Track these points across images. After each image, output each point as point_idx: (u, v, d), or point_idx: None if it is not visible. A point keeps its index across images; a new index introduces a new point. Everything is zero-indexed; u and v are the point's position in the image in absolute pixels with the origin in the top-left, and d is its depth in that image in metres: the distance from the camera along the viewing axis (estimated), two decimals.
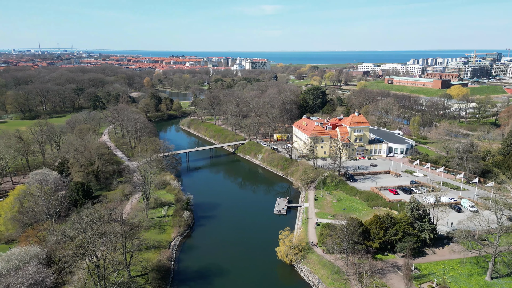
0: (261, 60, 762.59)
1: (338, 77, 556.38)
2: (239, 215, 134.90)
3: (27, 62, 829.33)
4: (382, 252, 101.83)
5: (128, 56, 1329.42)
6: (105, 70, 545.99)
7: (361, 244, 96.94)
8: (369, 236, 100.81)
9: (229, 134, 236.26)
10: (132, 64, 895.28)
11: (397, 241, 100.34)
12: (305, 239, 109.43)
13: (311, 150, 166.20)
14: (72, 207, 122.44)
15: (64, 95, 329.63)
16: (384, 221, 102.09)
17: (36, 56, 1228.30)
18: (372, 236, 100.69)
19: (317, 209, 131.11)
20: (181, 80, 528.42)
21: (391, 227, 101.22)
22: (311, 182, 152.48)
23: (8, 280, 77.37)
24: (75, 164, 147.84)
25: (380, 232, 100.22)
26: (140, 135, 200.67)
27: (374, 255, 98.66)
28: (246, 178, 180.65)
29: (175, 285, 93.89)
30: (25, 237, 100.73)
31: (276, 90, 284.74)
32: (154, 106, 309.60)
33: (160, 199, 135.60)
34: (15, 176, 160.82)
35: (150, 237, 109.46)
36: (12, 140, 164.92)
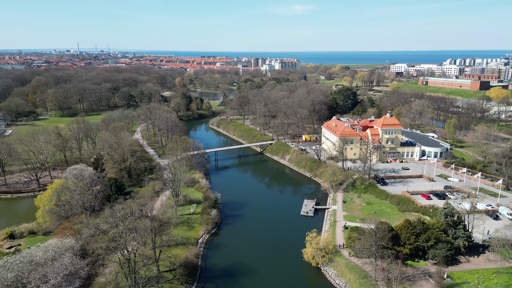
0: (291, 60, 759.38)
1: (370, 78, 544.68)
2: (266, 215, 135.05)
3: (66, 62, 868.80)
4: (413, 259, 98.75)
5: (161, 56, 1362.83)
6: (138, 70, 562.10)
7: (390, 249, 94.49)
8: (399, 242, 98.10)
9: (257, 134, 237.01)
10: (165, 64, 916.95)
11: (429, 247, 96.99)
12: (333, 242, 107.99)
13: (340, 152, 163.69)
14: (105, 202, 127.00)
15: (100, 94, 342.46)
16: (415, 227, 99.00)
17: (75, 56, 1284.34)
18: (403, 242, 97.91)
19: (346, 212, 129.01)
20: (211, 80, 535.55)
21: (423, 233, 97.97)
22: (340, 184, 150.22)
23: (45, 270, 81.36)
24: (109, 160, 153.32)
25: (411, 237, 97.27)
26: (171, 133, 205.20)
27: (404, 261, 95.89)
28: (274, 178, 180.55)
29: (202, 281, 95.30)
30: (61, 229, 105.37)
31: (305, 91, 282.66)
32: (185, 106, 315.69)
33: (189, 196, 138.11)
34: (54, 170, 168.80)
35: (178, 233, 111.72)
36: (52, 136, 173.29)
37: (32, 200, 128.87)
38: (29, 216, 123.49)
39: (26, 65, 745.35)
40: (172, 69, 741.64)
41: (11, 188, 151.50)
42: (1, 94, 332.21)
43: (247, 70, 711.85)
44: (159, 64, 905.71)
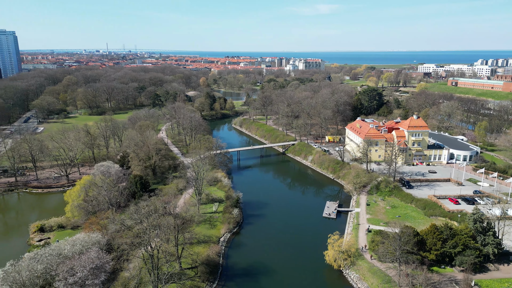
0: (315, 60, 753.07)
1: (396, 78, 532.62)
2: (288, 215, 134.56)
3: (95, 61, 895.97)
4: (439, 265, 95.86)
5: (186, 56, 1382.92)
6: (164, 69, 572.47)
7: (415, 255, 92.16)
8: (425, 247, 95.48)
9: (279, 134, 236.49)
10: (190, 64, 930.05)
11: (456, 254, 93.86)
12: (355, 245, 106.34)
13: (364, 154, 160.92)
14: (130, 199, 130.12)
15: (127, 93, 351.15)
16: (442, 232, 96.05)
17: (104, 56, 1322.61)
18: (428, 247, 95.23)
19: (369, 215, 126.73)
20: (235, 80, 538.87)
21: (450, 239, 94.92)
22: (364, 186, 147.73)
23: (73, 263, 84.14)
24: (134, 158, 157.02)
25: (438, 243, 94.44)
26: (195, 132, 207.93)
27: (429, 267, 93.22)
28: (296, 179, 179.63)
29: (223, 280, 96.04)
30: (88, 224, 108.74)
31: (329, 91, 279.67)
32: (208, 105, 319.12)
33: (211, 195, 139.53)
34: (82, 167, 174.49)
35: (200, 231, 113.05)
36: (81, 133, 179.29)
37: (61, 195, 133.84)
38: (59, 210, 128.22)
39: (58, 64, 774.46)
40: (196, 69, 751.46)
41: (42, 183, 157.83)
42: (34, 92, 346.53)
43: (271, 70, 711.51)
44: (184, 64, 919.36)
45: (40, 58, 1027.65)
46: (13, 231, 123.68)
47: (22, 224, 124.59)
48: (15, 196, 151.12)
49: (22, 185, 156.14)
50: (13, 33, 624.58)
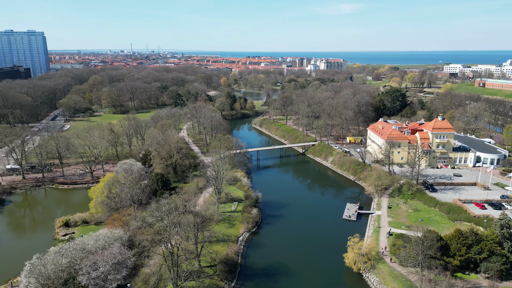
0: (337, 60, 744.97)
1: (421, 79, 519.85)
2: (307, 216, 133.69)
3: (120, 61, 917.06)
4: (463, 271, 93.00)
5: (208, 56, 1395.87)
6: (186, 69, 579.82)
7: (438, 260, 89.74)
8: (449, 252, 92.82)
9: (299, 135, 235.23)
10: (211, 64, 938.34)
11: (482, 260, 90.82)
12: (376, 248, 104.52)
13: (386, 155, 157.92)
14: (152, 196, 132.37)
15: (150, 92, 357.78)
16: (467, 237, 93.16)
17: (128, 56, 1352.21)
18: (452, 252, 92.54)
19: (391, 218, 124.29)
20: (256, 80, 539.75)
21: (475, 245, 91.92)
22: (385, 189, 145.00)
23: (96, 258, 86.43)
24: (156, 156, 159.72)
25: (462, 248, 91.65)
26: (215, 132, 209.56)
27: (453, 273, 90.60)
28: (315, 180, 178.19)
29: (241, 279, 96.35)
30: (111, 220, 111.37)
31: (351, 91, 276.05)
32: (229, 105, 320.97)
33: (230, 194, 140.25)
34: (106, 164, 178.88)
35: (219, 230, 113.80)
36: (105, 132, 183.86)
37: (86, 191, 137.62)
38: (83, 206, 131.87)
39: (84, 64, 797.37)
40: (218, 69, 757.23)
41: (68, 179, 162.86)
42: (61, 91, 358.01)
43: (292, 70, 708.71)
44: (206, 64, 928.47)
45: (68, 58, 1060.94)
46: (39, 225, 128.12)
47: (48, 218, 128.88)
48: (42, 191, 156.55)
49: (49, 181, 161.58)
50: (42, 34, 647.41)
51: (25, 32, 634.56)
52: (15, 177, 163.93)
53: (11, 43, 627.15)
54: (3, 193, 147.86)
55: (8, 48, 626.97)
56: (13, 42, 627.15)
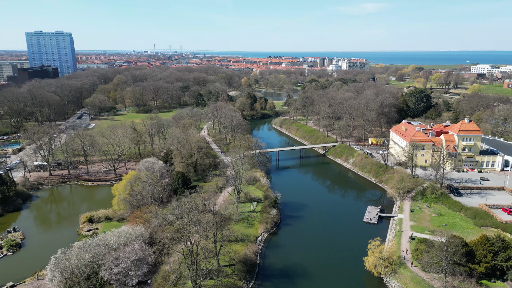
0: (359, 60, 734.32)
1: (446, 80, 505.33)
2: (326, 218, 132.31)
3: (143, 62, 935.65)
4: (489, 278, 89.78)
5: (229, 57, 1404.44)
6: (208, 70, 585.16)
7: (463, 266, 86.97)
8: (474, 259, 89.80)
9: (320, 136, 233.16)
10: (232, 65, 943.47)
11: (509, 267, 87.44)
12: (397, 252, 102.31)
13: (409, 158, 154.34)
14: (172, 194, 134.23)
15: (172, 92, 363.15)
16: (493, 244, 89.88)
17: (151, 56, 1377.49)
18: (478, 259, 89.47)
19: (413, 222, 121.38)
20: (276, 80, 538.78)
21: (502, 251, 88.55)
22: (408, 192, 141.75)
23: (118, 254, 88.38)
24: (177, 155, 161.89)
25: (488, 255, 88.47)
26: (235, 132, 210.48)
27: (478, 280, 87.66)
28: (336, 181, 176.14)
29: (259, 279, 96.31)
30: (133, 217, 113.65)
31: (373, 92, 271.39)
32: (249, 105, 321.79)
33: (249, 194, 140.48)
34: (129, 162, 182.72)
35: (238, 230, 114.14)
36: (128, 130, 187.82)
37: (109, 188, 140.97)
38: (106, 203, 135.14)
39: (109, 64, 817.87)
40: (239, 69, 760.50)
41: (92, 176, 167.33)
42: (87, 90, 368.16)
43: (313, 70, 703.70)
44: (227, 65, 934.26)
45: (94, 58, 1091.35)
46: (65, 221, 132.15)
47: (73, 214, 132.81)
48: (68, 187, 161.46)
49: (74, 177, 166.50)
50: (69, 35, 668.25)
51: (53, 33, 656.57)
52: (42, 173, 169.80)
53: (40, 44, 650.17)
54: (30, 188, 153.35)
55: (38, 48, 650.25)
56: (42, 42, 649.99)
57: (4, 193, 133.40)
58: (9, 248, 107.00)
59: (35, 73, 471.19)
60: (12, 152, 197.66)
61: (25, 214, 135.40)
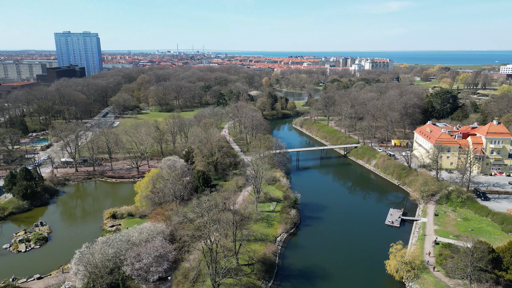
0: (383, 60, 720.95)
1: (474, 80, 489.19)
2: (347, 220, 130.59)
3: (166, 61, 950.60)
4: None
5: (250, 56, 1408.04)
6: (229, 69, 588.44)
7: (489, 273, 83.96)
8: (501, 265, 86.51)
9: (341, 136, 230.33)
10: (253, 64, 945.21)
11: None
12: (420, 257, 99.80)
13: (434, 160, 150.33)
14: (193, 193, 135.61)
15: (194, 91, 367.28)
16: None
17: (174, 56, 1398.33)
18: (505, 266, 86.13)
19: (437, 226, 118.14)
20: (297, 80, 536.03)
21: None
22: (432, 195, 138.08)
23: (139, 250, 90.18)
24: (198, 154, 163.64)
25: None
26: (256, 131, 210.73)
27: None
28: (357, 183, 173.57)
29: (278, 279, 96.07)
30: (154, 214, 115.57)
31: (397, 92, 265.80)
32: (270, 105, 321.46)
33: (269, 194, 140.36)
34: (151, 160, 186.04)
35: (258, 229, 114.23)
36: (151, 129, 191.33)
37: (132, 186, 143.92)
38: (129, 199, 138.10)
39: (133, 64, 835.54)
40: (260, 69, 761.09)
41: (116, 173, 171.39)
42: (112, 89, 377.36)
43: (335, 70, 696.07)
44: (248, 64, 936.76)
45: (119, 58, 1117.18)
46: (89, 216, 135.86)
47: (97, 210, 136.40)
48: (93, 184, 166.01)
49: (99, 174, 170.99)
50: (96, 35, 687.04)
51: (81, 34, 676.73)
52: (68, 169, 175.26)
53: (68, 44, 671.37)
54: (57, 184, 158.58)
55: (66, 48, 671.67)
56: (70, 42, 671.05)
57: (32, 188, 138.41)
58: (36, 242, 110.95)
59: (63, 72, 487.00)
60: (40, 149, 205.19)
61: (52, 209, 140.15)
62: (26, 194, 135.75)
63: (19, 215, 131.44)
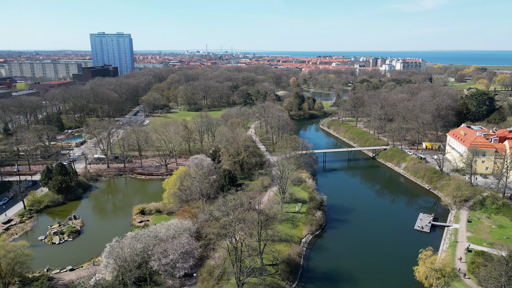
0: (415, 60, 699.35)
1: None
2: (374, 224, 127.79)
3: (196, 61, 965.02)
4: None
5: (278, 56, 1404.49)
6: (257, 69, 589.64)
7: None
8: None
9: (370, 138, 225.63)
10: (281, 64, 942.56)
11: None
12: (451, 264, 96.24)
13: (468, 164, 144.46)
14: (219, 191, 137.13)
15: (221, 91, 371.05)
16: None
17: (203, 56, 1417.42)
18: None
19: (470, 233, 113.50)
20: (325, 80, 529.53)
21: None
22: (465, 201, 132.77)
23: (166, 246, 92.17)
24: (225, 153, 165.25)
25: None
26: (282, 132, 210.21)
27: None
28: (385, 186, 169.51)
29: (302, 281, 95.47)
30: (181, 211, 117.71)
31: (429, 93, 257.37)
32: (297, 105, 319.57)
33: (294, 195, 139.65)
34: (179, 158, 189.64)
35: (282, 230, 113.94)
36: (180, 128, 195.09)
37: (160, 183, 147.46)
38: (157, 196, 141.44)
39: (164, 64, 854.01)
40: (287, 69, 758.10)
41: (145, 171, 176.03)
42: (143, 89, 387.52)
43: (364, 70, 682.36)
44: (276, 64, 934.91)
45: (150, 58, 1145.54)
46: (119, 211, 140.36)
47: (127, 205, 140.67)
48: (123, 180, 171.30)
49: (129, 171, 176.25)
50: (129, 36, 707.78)
51: (114, 34, 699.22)
52: (101, 165, 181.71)
53: (102, 44, 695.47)
54: (90, 179, 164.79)
55: (100, 48, 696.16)
56: (104, 43, 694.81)
57: (67, 183, 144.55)
58: (69, 234, 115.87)
59: (97, 71, 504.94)
60: (75, 145, 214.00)
61: (84, 203, 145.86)
62: (61, 188, 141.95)
63: (54, 208, 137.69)
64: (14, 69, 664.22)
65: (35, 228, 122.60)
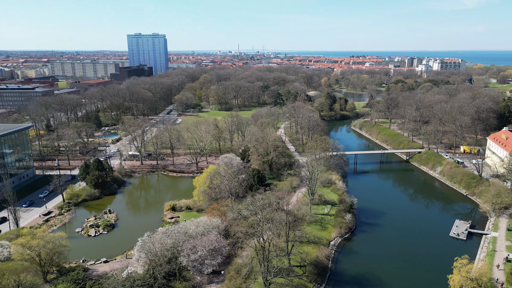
0: (454, 60, 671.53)
1: None
2: (407, 229, 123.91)
3: (227, 61, 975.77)
4: None
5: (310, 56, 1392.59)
6: (288, 69, 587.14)
7: None
8: None
9: (404, 140, 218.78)
10: (313, 64, 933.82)
11: None
12: (488, 274, 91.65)
13: (509, 170, 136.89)
14: (248, 190, 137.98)
15: (252, 91, 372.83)
16: None
17: (235, 56, 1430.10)
18: None
19: (509, 242, 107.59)
20: (358, 80, 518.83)
21: None
22: (505, 208, 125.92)
23: (195, 242, 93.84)
24: (254, 152, 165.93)
25: None
26: (312, 132, 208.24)
27: None
28: (419, 190, 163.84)
29: (330, 284, 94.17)
30: (211, 209, 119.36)
31: (469, 95, 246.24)
32: (328, 106, 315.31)
33: (324, 197, 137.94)
34: (209, 157, 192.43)
35: (311, 231, 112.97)
36: (211, 127, 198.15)
37: (191, 180, 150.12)
38: (188, 193, 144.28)
39: (196, 64, 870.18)
40: (319, 69, 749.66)
41: (176, 168, 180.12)
42: (176, 88, 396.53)
43: (399, 70, 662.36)
44: (308, 64, 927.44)
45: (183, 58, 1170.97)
46: (151, 207, 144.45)
47: (158, 201, 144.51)
48: (155, 177, 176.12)
49: (161, 168, 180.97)
50: (163, 36, 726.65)
51: (150, 35, 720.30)
52: (134, 162, 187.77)
53: (138, 45, 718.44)
54: (125, 175, 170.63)
55: (136, 49, 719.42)
56: (140, 43, 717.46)
57: (103, 178, 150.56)
58: (104, 228, 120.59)
59: (133, 71, 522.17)
60: (111, 142, 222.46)
61: (119, 198, 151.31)
62: (97, 183, 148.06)
63: (91, 202, 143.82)
64: (56, 68, 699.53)
65: (73, 221, 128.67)
